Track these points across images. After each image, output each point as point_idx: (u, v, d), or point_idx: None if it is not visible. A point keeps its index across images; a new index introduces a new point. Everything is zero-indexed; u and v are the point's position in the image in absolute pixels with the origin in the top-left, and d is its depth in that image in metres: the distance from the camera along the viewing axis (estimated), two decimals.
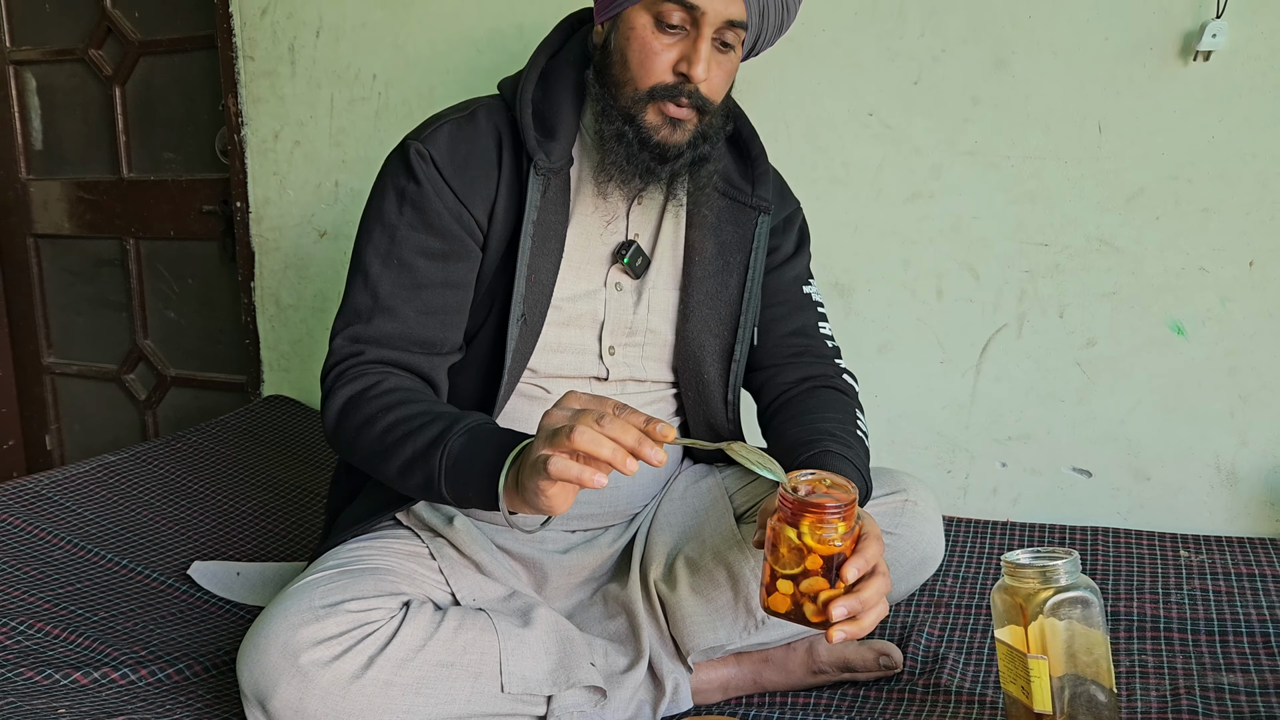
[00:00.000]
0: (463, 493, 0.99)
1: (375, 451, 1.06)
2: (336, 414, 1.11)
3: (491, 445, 0.97)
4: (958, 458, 1.72)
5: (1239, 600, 1.33)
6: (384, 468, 1.06)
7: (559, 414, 0.89)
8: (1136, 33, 1.50)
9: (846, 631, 0.92)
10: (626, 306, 1.23)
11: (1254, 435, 1.55)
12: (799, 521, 0.92)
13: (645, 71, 1.12)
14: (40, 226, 2.53)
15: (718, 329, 1.25)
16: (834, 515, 0.91)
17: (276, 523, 1.69)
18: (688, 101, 1.12)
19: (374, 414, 1.07)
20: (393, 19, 1.95)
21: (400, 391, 1.09)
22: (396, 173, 1.16)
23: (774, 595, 0.95)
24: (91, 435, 2.64)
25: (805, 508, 0.91)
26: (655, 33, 1.11)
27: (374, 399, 1.08)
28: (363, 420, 1.07)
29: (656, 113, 1.13)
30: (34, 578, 1.39)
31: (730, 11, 1.10)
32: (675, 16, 1.09)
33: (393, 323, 1.13)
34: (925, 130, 1.63)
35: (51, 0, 2.42)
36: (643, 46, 1.11)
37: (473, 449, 0.98)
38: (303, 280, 2.15)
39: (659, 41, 1.11)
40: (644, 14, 1.11)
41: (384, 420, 1.05)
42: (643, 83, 1.12)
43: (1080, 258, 1.59)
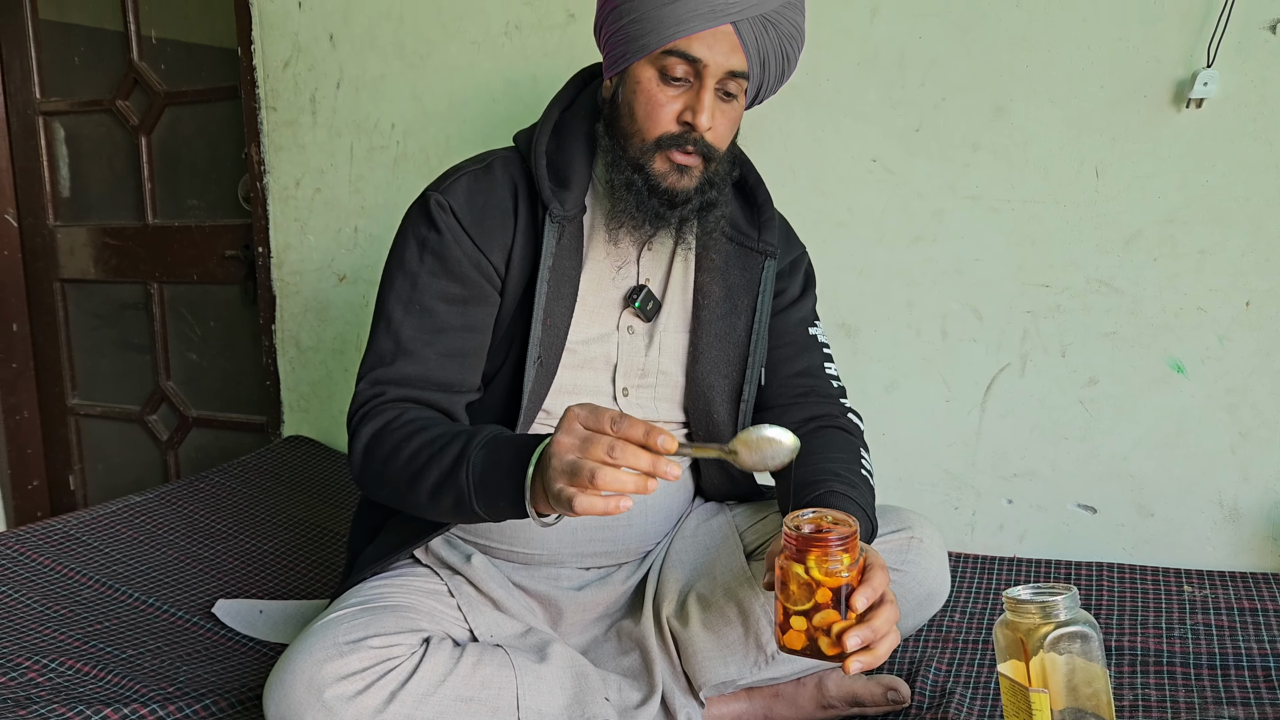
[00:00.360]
0: (495, 509, 1.01)
1: (403, 480, 1.08)
2: (362, 452, 1.14)
3: (511, 456, 1.00)
4: (964, 495, 1.75)
5: (1241, 635, 1.35)
6: (415, 496, 1.08)
7: (567, 441, 0.91)
8: (1130, 81, 1.55)
9: (863, 661, 0.95)
10: (638, 349, 1.27)
11: (1255, 471, 1.58)
12: (805, 557, 0.95)
13: (652, 122, 1.16)
14: (67, 271, 2.60)
15: (726, 370, 1.29)
16: (837, 547, 0.95)
17: (298, 561, 1.73)
18: (694, 149, 1.16)
19: (397, 444, 1.10)
20: (411, 71, 2.02)
21: (419, 420, 1.13)
22: (417, 223, 1.21)
23: (789, 633, 0.98)
24: (114, 475, 2.69)
25: (809, 542, 0.95)
26: (660, 85, 1.15)
27: (395, 430, 1.11)
28: (387, 453, 1.10)
29: (664, 160, 1.17)
30: (64, 616, 1.43)
31: (731, 63, 1.14)
32: (679, 69, 1.14)
33: (414, 365, 1.17)
34: (927, 175, 1.68)
35: (81, 53, 2.50)
36: (648, 99, 1.16)
37: (494, 463, 1.01)
38: (322, 323, 2.20)
39: (664, 94, 1.15)
40: (649, 68, 1.16)
41: (407, 448, 1.08)
42: (650, 133, 1.17)
43: (1080, 298, 1.63)
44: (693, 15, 1.11)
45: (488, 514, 1.03)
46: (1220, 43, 1.48)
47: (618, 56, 1.18)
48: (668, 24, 1.12)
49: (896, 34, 1.66)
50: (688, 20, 1.11)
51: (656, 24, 1.12)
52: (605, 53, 1.22)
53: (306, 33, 2.09)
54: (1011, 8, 1.59)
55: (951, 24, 1.63)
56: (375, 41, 2.04)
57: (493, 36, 1.93)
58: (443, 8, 1.96)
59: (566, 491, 0.88)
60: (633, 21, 1.14)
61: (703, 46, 1.13)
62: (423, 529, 1.20)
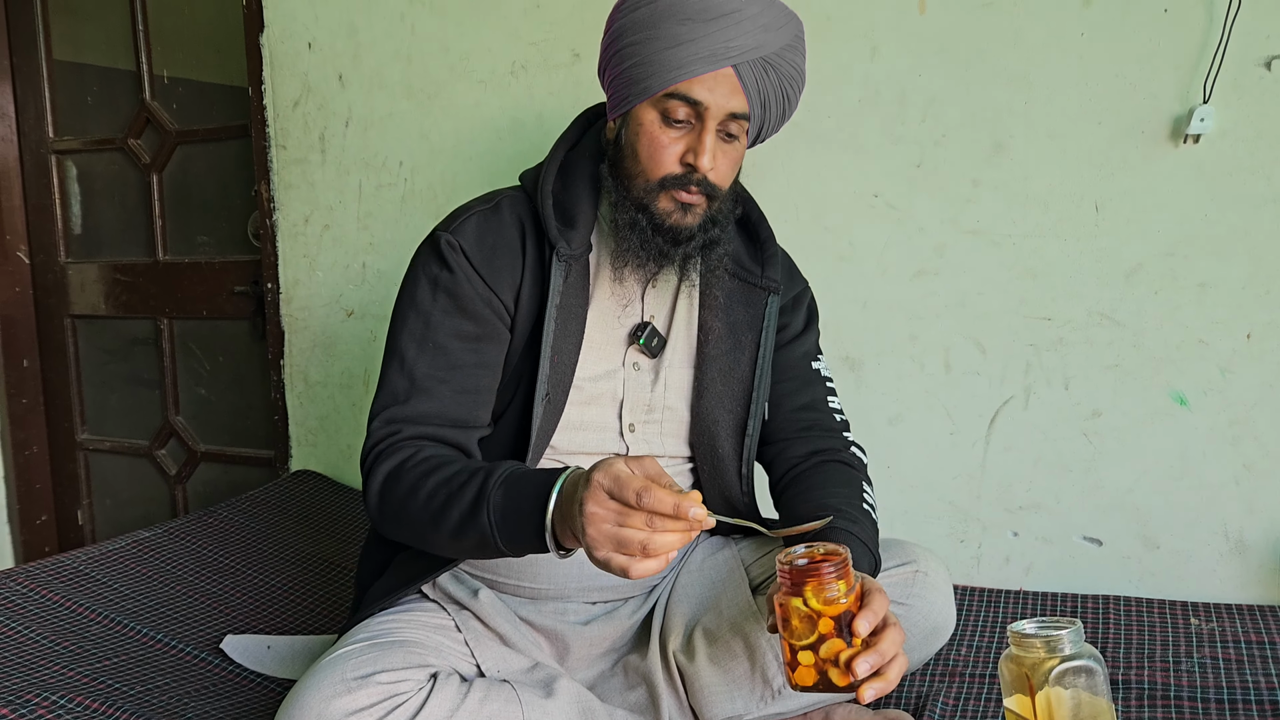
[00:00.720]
0: (519, 547, 1.03)
1: (423, 521, 1.09)
2: (378, 491, 1.14)
3: (530, 498, 1.00)
4: (970, 528, 1.75)
5: (1249, 668, 1.35)
6: (436, 536, 1.09)
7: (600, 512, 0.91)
8: (1128, 117, 1.57)
9: (876, 688, 0.95)
10: (644, 385, 1.28)
11: (1260, 503, 1.58)
12: (802, 589, 0.96)
13: (655, 164, 1.18)
14: (77, 307, 2.62)
15: (731, 405, 1.30)
16: (831, 575, 0.95)
17: (306, 596, 1.74)
18: (697, 189, 1.18)
19: (414, 483, 1.10)
20: (419, 110, 2.05)
21: (435, 458, 1.13)
22: (428, 262, 1.23)
23: (798, 670, 0.98)
24: (122, 510, 2.70)
25: (804, 574, 0.96)
26: (662, 127, 1.17)
27: (411, 469, 1.12)
28: (405, 492, 1.11)
29: (668, 199, 1.19)
30: (73, 652, 1.44)
31: (732, 105, 1.16)
32: (680, 111, 1.16)
33: (428, 403, 1.18)
34: (929, 210, 1.70)
35: (94, 93, 2.54)
36: (651, 141, 1.18)
37: (514, 506, 1.02)
38: (330, 358, 2.22)
39: (666, 135, 1.17)
40: (651, 110, 1.18)
41: (424, 488, 1.09)
42: (653, 174, 1.19)
43: (1083, 331, 1.64)
44: (694, 59, 1.13)
45: (513, 552, 1.04)
46: (1216, 79, 1.51)
47: (621, 98, 1.20)
48: (669, 67, 1.14)
49: (896, 72, 1.68)
50: (689, 64, 1.13)
51: (658, 67, 1.14)
52: (609, 94, 1.24)
53: (316, 72, 2.13)
54: (1009, 46, 1.62)
55: (951, 62, 1.65)
56: (384, 81, 2.07)
57: (499, 76, 1.96)
58: (450, 48, 2.00)
59: (618, 560, 0.90)
60: (635, 65, 1.16)
61: (704, 89, 1.14)
62: (430, 565, 1.21)
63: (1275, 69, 1.49)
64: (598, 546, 0.91)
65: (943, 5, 1.65)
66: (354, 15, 2.07)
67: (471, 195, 2.02)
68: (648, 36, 1.15)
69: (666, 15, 1.14)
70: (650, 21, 1.15)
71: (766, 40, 1.16)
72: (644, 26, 1.16)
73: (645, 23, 1.16)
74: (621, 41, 1.18)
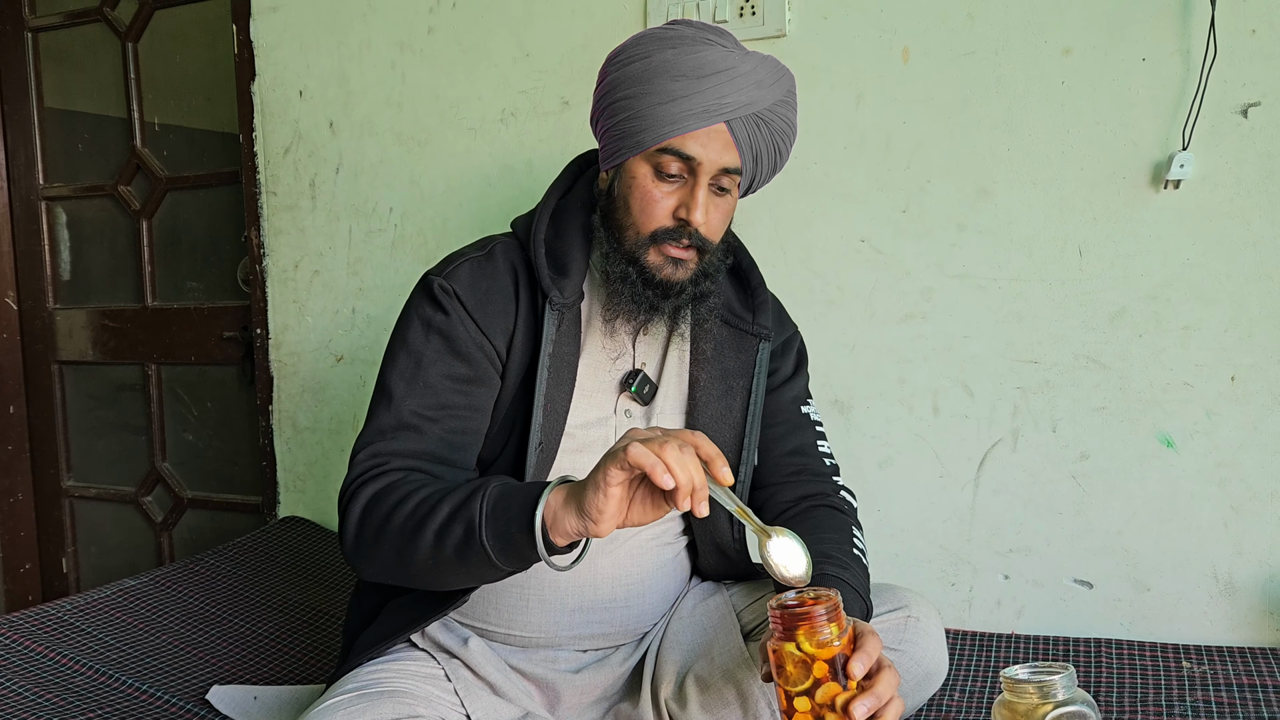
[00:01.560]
0: (505, 528, 1.00)
1: (408, 528, 1.06)
2: (360, 513, 1.12)
3: (528, 486, 1.02)
4: (961, 571, 1.75)
5: (1240, 711, 1.34)
6: (418, 541, 1.05)
7: (643, 432, 0.95)
8: (1109, 164, 1.60)
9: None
10: None
11: (1248, 545, 1.59)
12: (794, 634, 0.96)
13: (647, 217, 1.19)
14: (65, 353, 2.62)
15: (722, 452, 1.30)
16: (823, 618, 0.95)
17: (293, 645, 1.72)
18: (688, 242, 1.19)
19: (403, 496, 1.08)
20: (409, 156, 2.07)
21: (425, 477, 1.13)
22: (421, 304, 1.23)
23: (795, 718, 0.97)
24: (108, 557, 2.68)
25: (796, 618, 0.96)
26: (655, 181, 1.18)
27: (400, 486, 1.10)
28: (390, 507, 1.09)
29: (658, 254, 1.20)
30: (57, 704, 1.42)
31: (725, 160, 1.18)
32: (673, 166, 1.17)
33: (416, 440, 1.17)
34: (915, 255, 1.72)
35: (84, 140, 2.56)
36: (643, 194, 1.19)
37: (512, 488, 1.03)
38: (319, 404, 2.22)
39: (659, 189, 1.18)
40: (644, 164, 1.19)
41: (415, 497, 1.07)
42: (644, 228, 1.20)
43: (1069, 374, 1.65)
44: (687, 115, 1.14)
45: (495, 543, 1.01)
46: (1195, 126, 1.53)
47: (614, 150, 1.21)
48: (663, 122, 1.15)
49: (882, 120, 1.71)
50: (682, 119, 1.14)
51: (652, 122, 1.15)
52: (602, 144, 1.25)
53: (307, 120, 2.15)
54: (991, 94, 1.65)
55: (934, 110, 1.68)
56: (374, 128, 2.09)
57: (489, 123, 1.98)
58: (440, 95, 2.02)
59: (639, 450, 0.90)
60: (628, 118, 1.18)
61: (697, 145, 1.16)
62: (420, 613, 1.20)
63: (1252, 116, 1.52)
64: (626, 440, 0.92)
65: (925, 54, 1.68)
66: (345, 64, 2.10)
67: (461, 241, 2.04)
68: (641, 91, 1.16)
69: (660, 71, 1.15)
70: (644, 77, 1.16)
71: (759, 96, 1.17)
72: (638, 81, 1.17)
73: (639, 77, 1.16)
74: (615, 94, 1.19)
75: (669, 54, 1.15)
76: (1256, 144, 1.53)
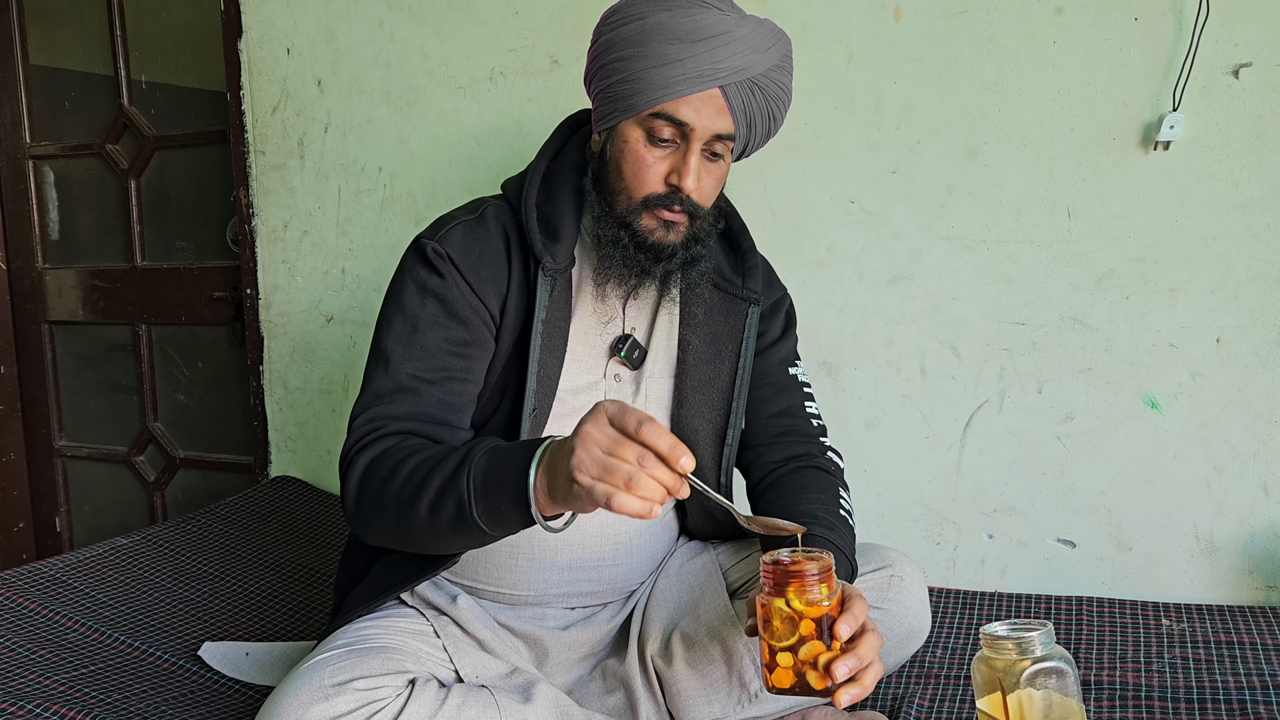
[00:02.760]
0: (495, 504, 1.00)
1: (403, 499, 1.07)
2: (359, 479, 1.12)
3: (516, 453, 1.01)
4: (946, 530, 1.77)
5: (1218, 668, 1.37)
6: (413, 513, 1.06)
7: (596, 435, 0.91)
8: (1099, 124, 1.59)
9: (852, 694, 0.96)
10: (625, 396, 1.29)
11: (1229, 505, 1.60)
12: (784, 590, 0.97)
13: (639, 182, 1.18)
14: (55, 313, 2.61)
15: (710, 415, 1.31)
16: (814, 579, 0.97)
17: (284, 602, 1.74)
18: (680, 208, 1.18)
19: (397, 464, 1.09)
20: (398, 115, 2.05)
21: (419, 441, 1.13)
22: (414, 267, 1.22)
23: (776, 672, 0.99)
24: (100, 517, 2.69)
25: (788, 575, 0.97)
26: (647, 146, 1.17)
27: (394, 453, 1.11)
28: (386, 474, 1.09)
29: (650, 218, 1.19)
30: (49, 660, 1.43)
31: (718, 126, 1.16)
32: (665, 131, 1.15)
33: (413, 403, 1.17)
34: (904, 216, 1.71)
35: (71, 98, 2.53)
36: (636, 159, 1.17)
37: (497, 462, 1.02)
38: (310, 364, 2.22)
39: (651, 154, 1.17)
40: (636, 128, 1.17)
41: (407, 466, 1.08)
42: (636, 193, 1.18)
43: (1056, 336, 1.66)
44: (680, 79, 1.13)
45: (486, 515, 1.01)
46: (1185, 87, 1.53)
47: (606, 113, 1.20)
48: (656, 87, 1.13)
49: (872, 80, 1.70)
50: (675, 84, 1.13)
51: (645, 86, 1.14)
52: (595, 106, 1.24)
53: (295, 78, 2.13)
54: (983, 54, 1.64)
55: (925, 70, 1.67)
56: (363, 87, 2.07)
57: (478, 82, 1.97)
58: (429, 54, 2.00)
59: (601, 488, 0.89)
60: (621, 81, 1.16)
61: (690, 110, 1.14)
62: (410, 572, 1.21)
63: (1243, 77, 1.52)
64: (583, 469, 0.90)
65: (917, 13, 1.66)
66: (333, 21, 2.08)
67: (451, 201, 2.04)
68: (635, 54, 1.14)
69: (655, 34, 1.13)
70: (638, 39, 1.14)
71: (755, 61, 1.15)
72: (631, 43, 1.14)
73: (633, 39, 1.14)
74: (608, 56, 1.17)
75: (664, 16, 1.13)
76: (1247, 105, 1.52)
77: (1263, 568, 1.60)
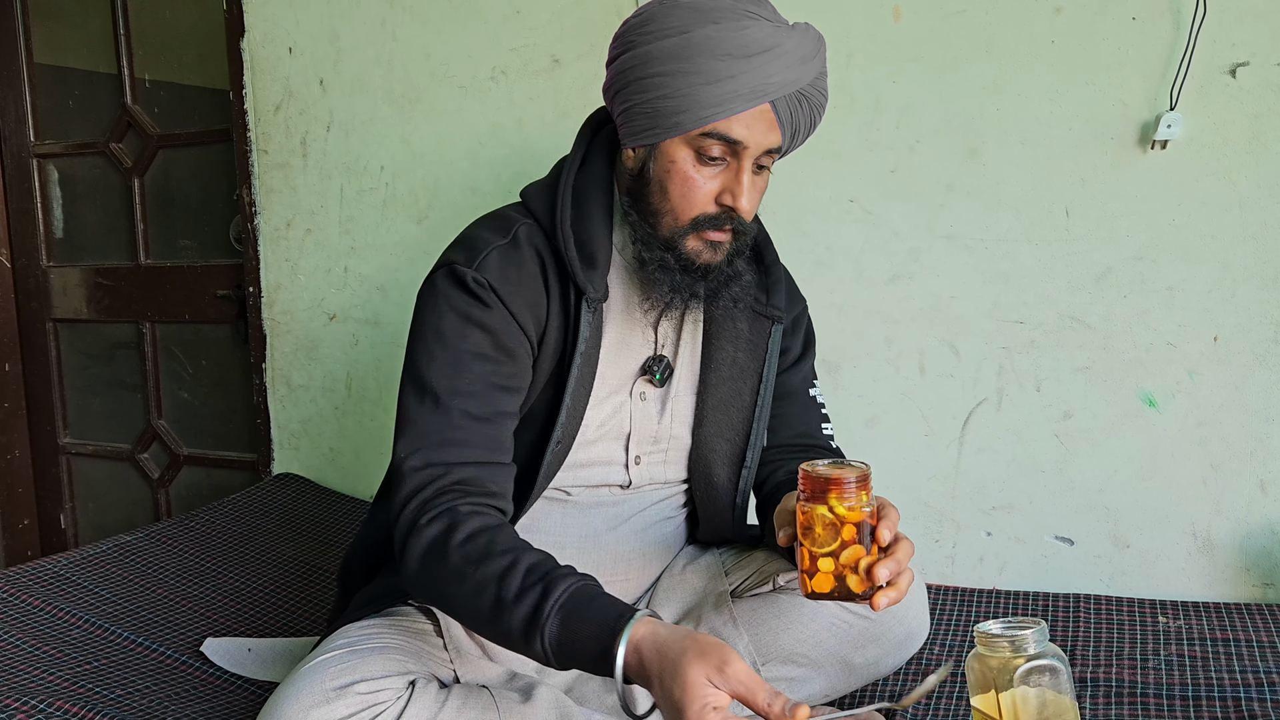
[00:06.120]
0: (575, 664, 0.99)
1: (467, 612, 1.04)
2: (421, 556, 1.07)
3: (592, 638, 0.96)
4: (945, 527, 1.77)
5: (1213, 665, 1.37)
6: (482, 631, 1.06)
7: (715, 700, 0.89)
8: (1097, 124, 1.60)
9: (890, 597, 0.99)
10: (651, 416, 1.27)
11: (1226, 503, 1.61)
12: (825, 497, 0.99)
13: (688, 204, 1.13)
14: (59, 311, 2.62)
15: (730, 435, 1.30)
16: (854, 485, 0.99)
17: (287, 599, 1.75)
18: (730, 226, 1.15)
19: (459, 568, 1.03)
20: (399, 114, 2.06)
21: (482, 538, 1.05)
22: (453, 295, 1.15)
23: (817, 576, 1.01)
24: (105, 514, 2.71)
25: (829, 482, 0.99)
26: (696, 166, 1.12)
27: (457, 549, 1.04)
28: (449, 575, 1.04)
29: (698, 239, 1.15)
30: (53, 657, 1.45)
31: (769, 141, 1.11)
32: (716, 150, 1.10)
33: (467, 444, 1.11)
34: (903, 215, 1.72)
35: (75, 97, 2.55)
36: (684, 180, 1.12)
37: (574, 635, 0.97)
38: (313, 361, 2.23)
39: (700, 174, 1.12)
40: (684, 147, 1.11)
41: (472, 577, 1.02)
42: (684, 215, 1.13)
43: (1054, 334, 1.66)
44: (734, 97, 1.07)
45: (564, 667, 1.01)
46: (1183, 87, 1.53)
47: (644, 129, 1.13)
48: (705, 104, 1.08)
49: (871, 80, 1.71)
50: (728, 102, 1.08)
51: (692, 103, 1.08)
52: (625, 121, 1.16)
53: (298, 77, 2.14)
54: (981, 54, 1.64)
55: (924, 70, 1.67)
56: (365, 86, 2.08)
57: (479, 81, 1.98)
58: (431, 53, 2.01)
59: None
60: (664, 98, 1.09)
61: (743, 128, 1.09)
62: None
63: (1240, 76, 1.52)
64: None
65: (916, 13, 1.67)
66: (335, 21, 2.08)
67: (454, 201, 2.05)
68: (680, 70, 1.08)
69: (701, 49, 1.07)
70: (681, 54, 1.07)
71: (803, 73, 1.11)
72: (674, 58, 1.08)
73: (675, 54, 1.08)
74: (645, 70, 1.10)
75: (711, 30, 1.07)
76: (1244, 104, 1.53)
77: (1259, 565, 1.60)
